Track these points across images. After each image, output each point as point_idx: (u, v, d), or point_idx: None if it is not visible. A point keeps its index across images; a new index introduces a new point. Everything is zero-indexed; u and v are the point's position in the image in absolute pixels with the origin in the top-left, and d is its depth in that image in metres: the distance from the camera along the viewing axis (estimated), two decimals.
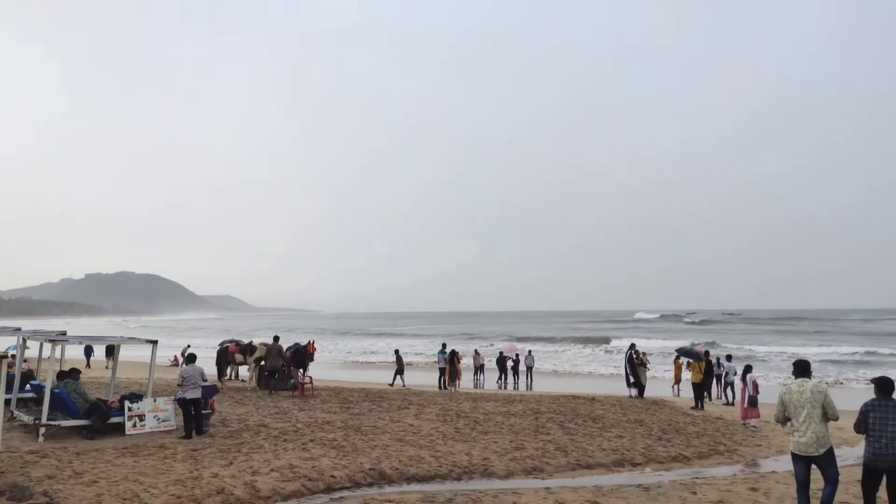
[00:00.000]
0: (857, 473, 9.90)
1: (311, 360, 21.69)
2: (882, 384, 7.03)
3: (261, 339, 27.59)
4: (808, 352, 38.80)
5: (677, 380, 23.09)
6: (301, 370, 20.68)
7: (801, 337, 64.09)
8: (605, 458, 11.27)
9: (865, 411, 6.91)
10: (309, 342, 22.74)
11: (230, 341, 24.46)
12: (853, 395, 19.11)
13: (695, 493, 8.78)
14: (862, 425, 6.95)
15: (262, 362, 21.11)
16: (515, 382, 27.42)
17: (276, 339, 22.15)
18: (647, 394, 20.89)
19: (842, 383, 28.27)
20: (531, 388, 25.92)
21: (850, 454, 12.27)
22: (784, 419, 7.30)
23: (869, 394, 7.40)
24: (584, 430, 13.89)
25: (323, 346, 50.51)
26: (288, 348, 21.49)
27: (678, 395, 22.38)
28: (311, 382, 20.26)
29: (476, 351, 30.10)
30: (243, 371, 24.75)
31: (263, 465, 9.78)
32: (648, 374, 22.12)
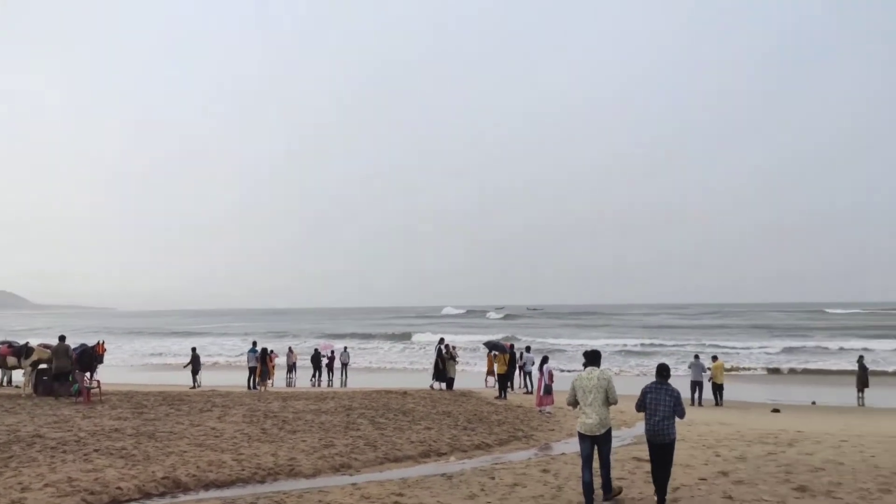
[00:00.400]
0: (633, 451, 11.13)
1: (101, 361, 19.75)
2: (659, 369, 8.08)
3: (40, 339, 24.51)
4: (598, 343, 42.77)
5: (490, 372, 24.24)
6: (87, 373, 18.68)
7: (594, 330, 70.86)
8: (413, 450, 11.50)
9: (644, 393, 7.87)
10: (98, 342, 20.62)
11: (2, 343, 21.47)
12: (633, 382, 21.45)
13: (493, 479, 9.23)
14: (641, 405, 7.88)
15: (42, 365, 18.79)
16: (330, 379, 27.12)
17: (62, 338, 19.88)
18: (456, 386, 21.72)
19: (624, 372, 31.68)
20: (346, 385, 25.80)
21: (628, 434, 13.73)
22: (574, 402, 7.97)
23: (644, 381, 8.30)
24: (395, 423, 14.07)
25: (116, 346, 46.21)
26: (74, 349, 19.32)
27: (494, 386, 23.55)
28: (98, 387, 18.36)
29: (290, 348, 29.31)
30: (17, 375, 21.80)
31: (36, 479, 8.64)
32: (458, 367, 23.01)
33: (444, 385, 21.64)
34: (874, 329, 63.01)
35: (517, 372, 23.07)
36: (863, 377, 22.14)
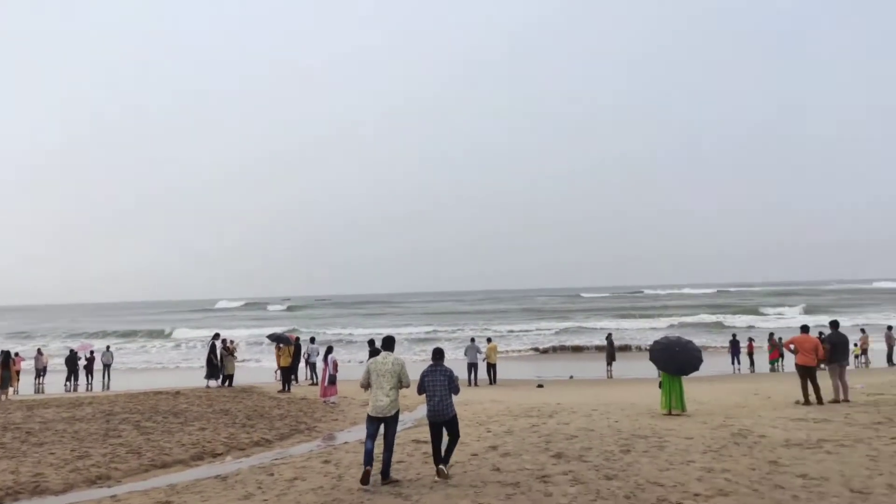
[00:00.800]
0: (413, 434, 11.47)
1: None
2: (435, 353, 8.61)
3: None
4: (384, 332, 43.62)
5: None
6: None
7: (381, 318, 72.26)
8: (184, 453, 10.70)
9: (423, 376, 8.25)
10: None
11: None
12: (418, 368, 22.13)
13: (272, 475, 8.91)
14: (421, 388, 8.23)
15: None
16: (89, 383, 24.34)
17: None
18: (236, 382, 20.69)
19: (409, 358, 32.64)
20: (108, 388, 23.32)
21: (409, 418, 14.15)
22: (367, 385, 8.16)
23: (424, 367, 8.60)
24: (164, 426, 12.98)
25: None
26: None
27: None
28: None
29: (39, 350, 25.75)
30: None
31: None
32: (237, 363, 21.97)
33: (220, 383, 20.49)
34: (621, 310, 72.35)
35: (302, 363, 22.66)
36: (611, 352, 25.26)
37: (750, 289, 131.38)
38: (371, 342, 18.96)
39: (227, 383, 20.33)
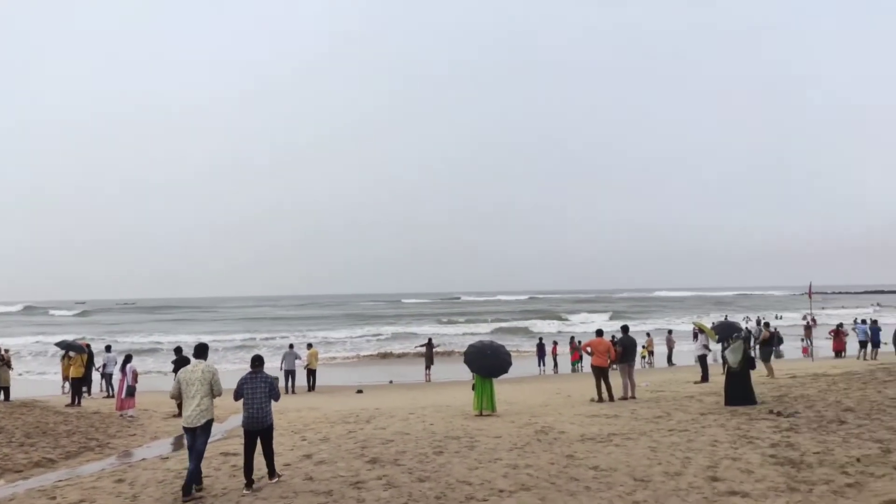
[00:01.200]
0: (222, 447, 10.84)
1: None
2: (253, 360, 8.48)
3: None
4: (199, 339, 40.97)
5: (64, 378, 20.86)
6: None
7: (194, 325, 67.77)
8: None
9: (242, 384, 8.12)
10: None
11: None
12: (235, 376, 21.01)
13: (54, 499, 7.93)
14: (238, 394, 8.11)
15: None
16: None
17: None
18: (14, 396, 18.19)
19: (224, 366, 30.91)
20: None
21: (219, 429, 13.36)
22: (179, 395, 7.94)
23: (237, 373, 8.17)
24: None
25: None
26: None
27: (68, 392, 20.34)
28: None
29: None
30: None
31: None
32: (13, 374, 19.36)
33: None
34: (442, 315, 74.63)
35: (96, 374, 20.54)
36: (430, 356, 25.88)
37: (556, 296, 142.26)
38: (178, 350, 17.62)
39: (1, 397, 17.79)
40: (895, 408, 10.92)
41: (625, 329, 16.45)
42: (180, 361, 15.86)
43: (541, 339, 30.05)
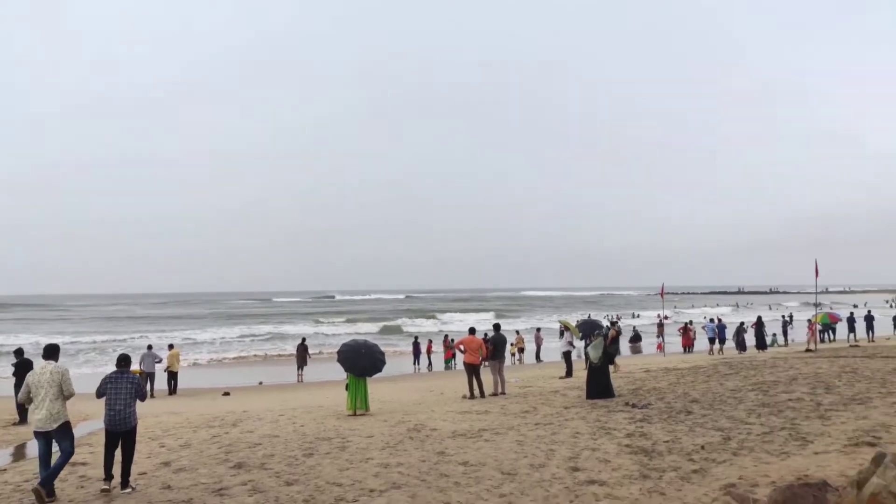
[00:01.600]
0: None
1: None
2: (118, 360, 8.19)
3: None
4: (51, 339, 37.48)
5: None
6: None
7: (44, 325, 61.73)
8: None
9: (106, 382, 7.80)
10: None
11: None
12: (97, 377, 19.36)
13: None
14: (101, 392, 7.80)
15: None
16: None
17: None
18: None
19: (81, 367, 28.45)
20: None
21: (88, 428, 12.31)
22: (29, 399, 7.56)
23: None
24: None
25: None
26: None
27: None
28: None
29: None
30: None
31: None
32: None
33: None
34: (314, 315, 73.15)
35: None
36: (302, 356, 25.26)
37: (433, 294, 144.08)
38: (18, 352, 15.94)
39: None
40: (735, 399, 12.05)
41: (497, 327, 16.92)
42: (22, 365, 14.36)
43: (416, 337, 30.28)
